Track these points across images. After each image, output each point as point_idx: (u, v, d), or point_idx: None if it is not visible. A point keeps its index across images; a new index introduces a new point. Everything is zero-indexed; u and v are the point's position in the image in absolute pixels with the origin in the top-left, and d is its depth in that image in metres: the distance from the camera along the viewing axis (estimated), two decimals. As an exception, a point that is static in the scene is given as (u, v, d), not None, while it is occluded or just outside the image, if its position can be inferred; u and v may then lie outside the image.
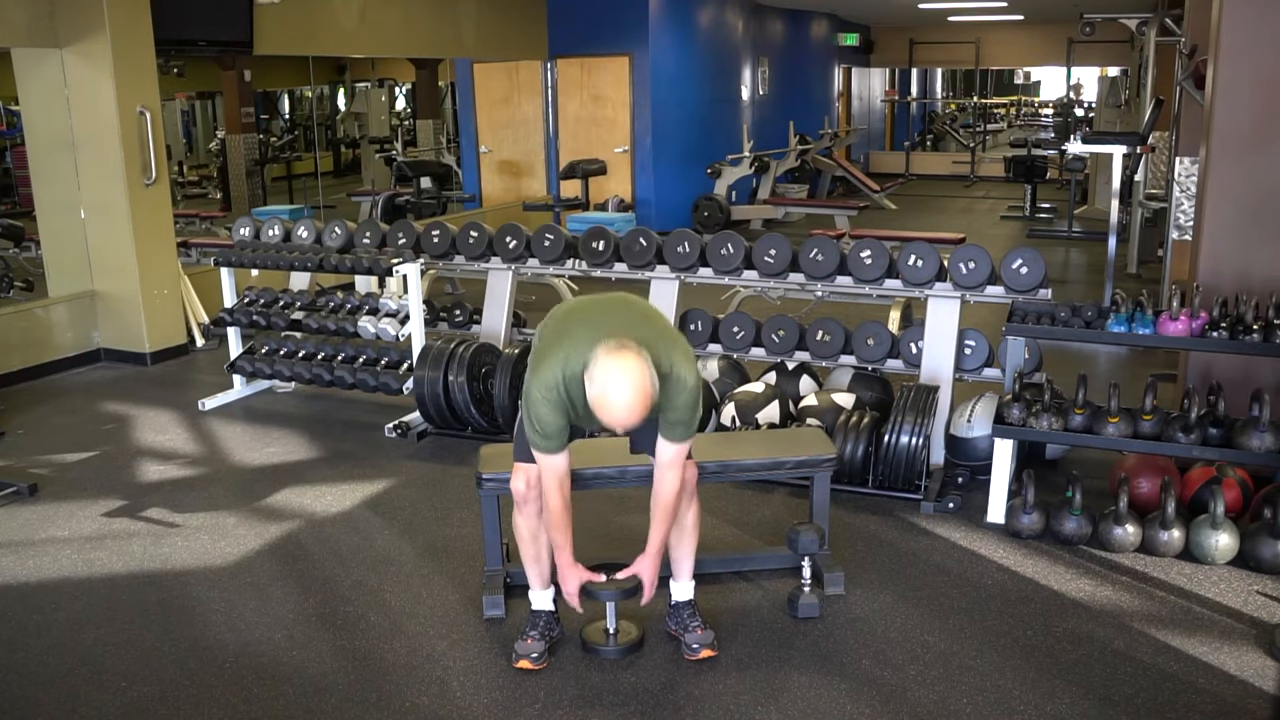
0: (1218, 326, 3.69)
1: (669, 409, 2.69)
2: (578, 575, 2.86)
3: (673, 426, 2.73)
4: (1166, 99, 7.78)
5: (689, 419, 2.73)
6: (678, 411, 2.70)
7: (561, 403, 2.67)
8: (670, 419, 2.71)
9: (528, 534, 2.96)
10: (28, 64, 6.09)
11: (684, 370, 2.68)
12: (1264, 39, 4.03)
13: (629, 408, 2.52)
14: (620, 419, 2.55)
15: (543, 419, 2.68)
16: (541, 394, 2.66)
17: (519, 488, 2.90)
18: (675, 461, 2.78)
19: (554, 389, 2.65)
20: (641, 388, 2.52)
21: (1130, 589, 3.38)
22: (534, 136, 10.82)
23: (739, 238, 4.85)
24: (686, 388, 2.68)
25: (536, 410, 2.68)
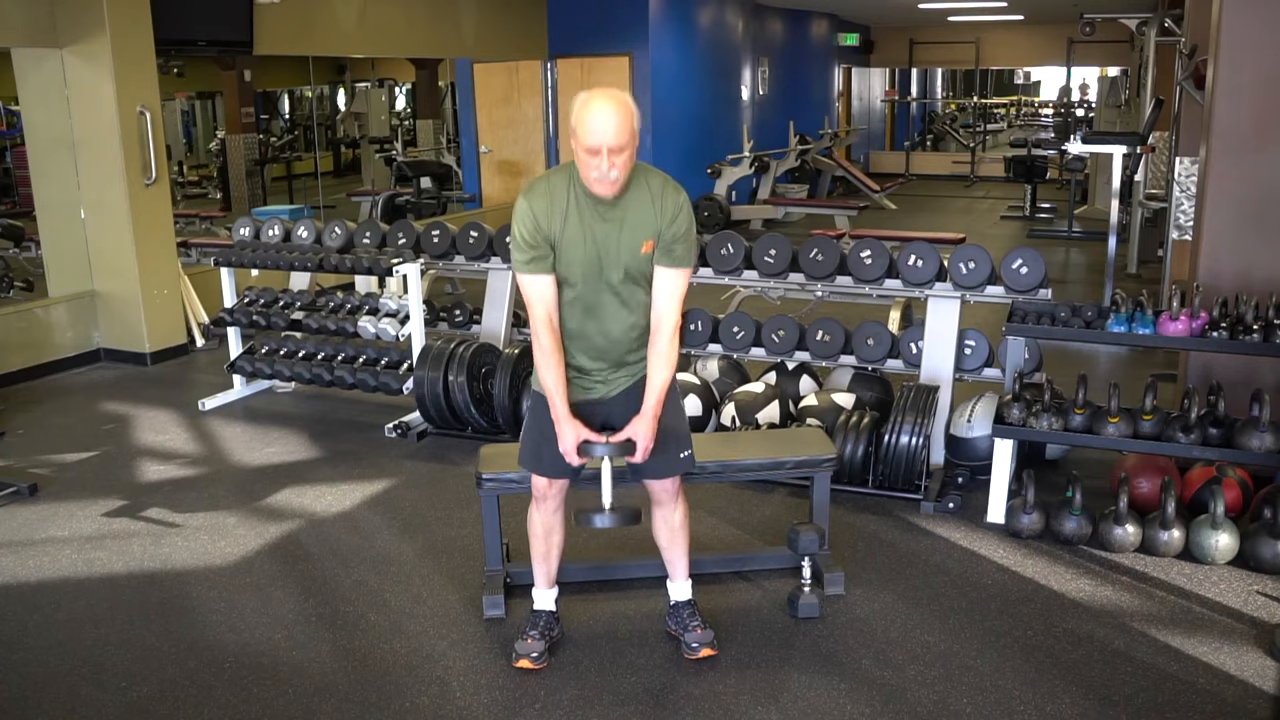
0: (1218, 326, 3.69)
1: (665, 226, 2.66)
2: (575, 429, 2.70)
3: (671, 247, 2.68)
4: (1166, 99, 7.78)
5: (686, 236, 2.70)
6: (675, 227, 2.67)
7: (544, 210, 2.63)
8: (667, 237, 2.67)
9: (541, 529, 2.96)
10: (28, 64, 6.09)
11: (678, 193, 2.70)
12: (1264, 39, 4.03)
13: (612, 115, 2.51)
14: (603, 127, 2.51)
15: (523, 226, 2.64)
16: (521, 206, 2.66)
17: (540, 484, 2.89)
18: (674, 293, 2.71)
19: (538, 196, 2.65)
20: (624, 101, 2.54)
21: (1130, 589, 3.38)
22: (534, 136, 10.82)
23: (739, 238, 4.85)
24: (680, 203, 2.68)
25: (517, 221, 2.66)
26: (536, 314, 2.70)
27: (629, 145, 2.55)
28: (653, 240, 2.67)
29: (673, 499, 2.93)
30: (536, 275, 2.67)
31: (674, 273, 2.71)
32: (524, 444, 2.91)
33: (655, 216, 2.66)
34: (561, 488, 2.91)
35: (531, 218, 2.64)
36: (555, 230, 2.65)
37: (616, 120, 2.51)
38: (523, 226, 2.66)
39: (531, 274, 2.67)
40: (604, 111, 2.51)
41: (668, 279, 2.71)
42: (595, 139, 2.51)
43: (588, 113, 2.52)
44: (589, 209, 2.64)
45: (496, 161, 11.04)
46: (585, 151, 2.54)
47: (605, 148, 2.52)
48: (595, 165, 2.54)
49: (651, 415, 2.73)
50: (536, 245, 2.65)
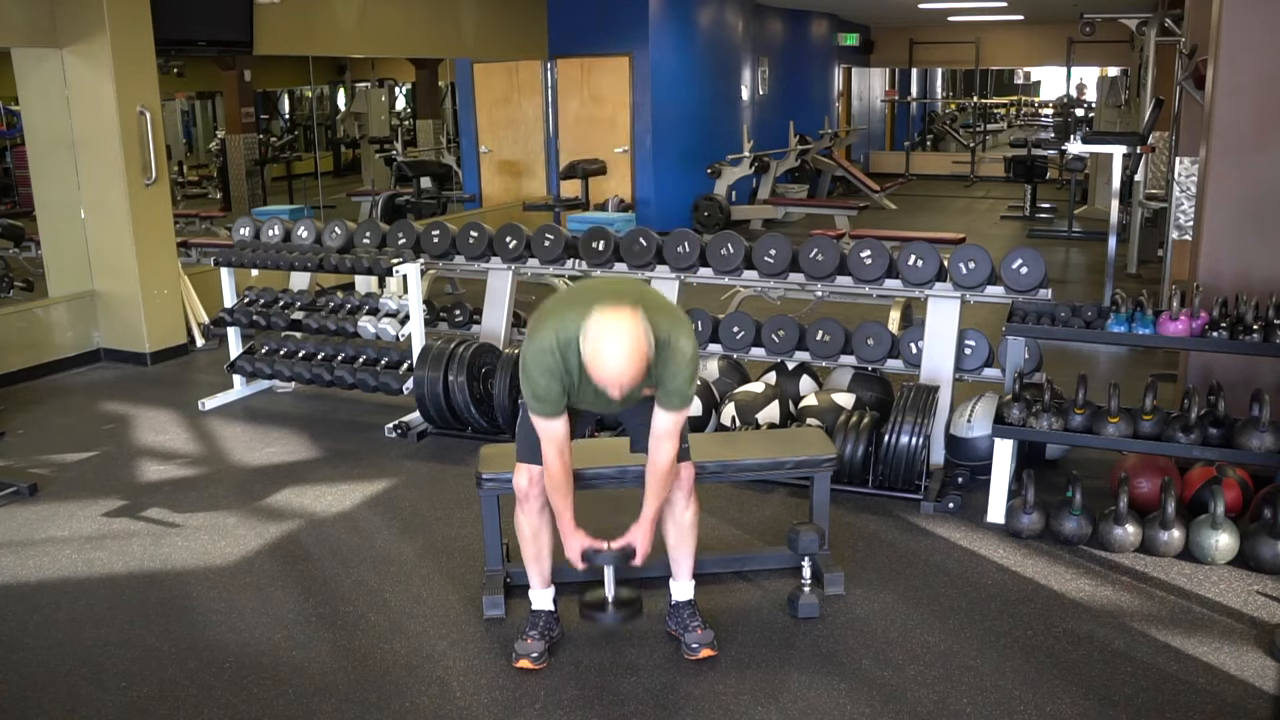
0: (1218, 326, 3.69)
1: (667, 379, 2.67)
2: (579, 540, 2.86)
3: (670, 396, 2.71)
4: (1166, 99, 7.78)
5: (686, 388, 2.71)
6: (675, 380, 2.68)
7: (557, 369, 2.65)
8: (668, 388, 2.69)
9: (529, 532, 2.96)
10: (28, 64, 6.09)
11: (682, 338, 2.67)
12: (1264, 39, 4.03)
13: (624, 364, 2.50)
14: (615, 376, 2.51)
15: (537, 383, 2.67)
16: (535, 357, 2.66)
17: (521, 484, 2.90)
18: (672, 432, 2.76)
19: (548, 353, 2.64)
20: (637, 343, 2.50)
21: (1130, 589, 3.38)
22: (534, 136, 10.82)
23: (739, 238, 4.85)
24: (684, 355, 2.67)
25: (531, 374, 2.68)
26: (549, 449, 2.77)
27: (640, 377, 2.57)
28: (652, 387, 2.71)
29: (685, 496, 2.94)
30: (552, 420, 2.73)
31: (666, 415, 2.75)
32: (520, 437, 2.93)
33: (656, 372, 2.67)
34: (543, 488, 2.91)
35: (545, 383, 2.67)
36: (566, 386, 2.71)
37: (630, 369, 2.52)
38: (536, 386, 2.69)
39: (547, 418, 2.73)
40: (617, 361, 2.50)
41: (660, 419, 2.76)
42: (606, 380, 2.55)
43: (600, 358, 2.52)
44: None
45: (496, 161, 11.04)
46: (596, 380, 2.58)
47: (618, 388, 2.56)
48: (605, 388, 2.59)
49: (648, 524, 2.86)
50: (553, 400, 2.70)
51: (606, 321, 2.51)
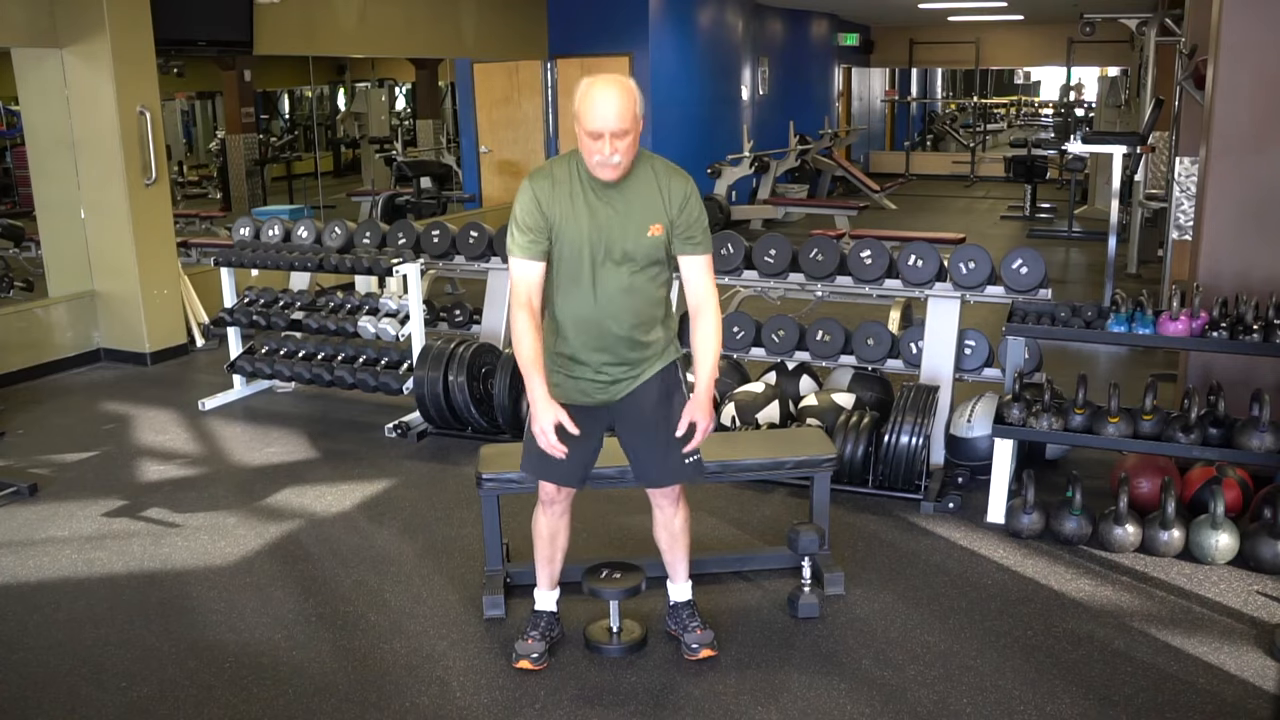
0: (1218, 326, 3.69)
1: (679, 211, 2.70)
2: (553, 410, 2.64)
3: (691, 233, 2.73)
4: (1166, 99, 7.78)
5: (706, 224, 2.77)
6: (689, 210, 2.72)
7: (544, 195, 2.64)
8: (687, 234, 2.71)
9: (547, 532, 2.95)
10: (28, 64, 6.09)
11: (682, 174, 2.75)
12: (1264, 39, 4.03)
13: (615, 96, 2.53)
14: (607, 109, 2.52)
15: (525, 204, 2.66)
16: (523, 188, 2.68)
17: (549, 488, 2.88)
18: (707, 275, 2.76)
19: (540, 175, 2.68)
20: (626, 84, 2.58)
21: (1130, 589, 3.38)
22: (534, 136, 10.82)
23: (739, 238, 4.85)
24: (690, 187, 2.74)
25: (517, 202, 2.68)
26: (518, 294, 2.69)
27: (632, 129, 2.57)
28: (661, 225, 2.68)
29: (673, 505, 2.92)
30: (528, 260, 2.67)
31: (699, 259, 2.75)
32: (527, 452, 2.87)
33: (663, 203, 2.67)
34: (569, 493, 2.91)
35: (533, 199, 2.65)
36: (556, 212, 2.65)
37: (619, 104, 2.53)
38: (523, 208, 2.66)
39: (523, 258, 2.67)
40: (607, 96, 2.53)
41: (695, 265, 2.75)
42: (598, 123, 2.53)
43: (590, 97, 2.54)
44: (592, 192, 2.65)
45: (496, 161, 11.04)
46: (588, 135, 2.56)
47: (608, 132, 2.53)
48: (598, 149, 2.55)
49: (706, 396, 2.73)
50: (534, 229, 2.65)
51: (598, 75, 2.60)
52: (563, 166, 2.69)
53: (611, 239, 2.65)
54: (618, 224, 2.65)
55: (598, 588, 2.95)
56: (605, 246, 2.65)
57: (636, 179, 2.66)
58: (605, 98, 2.53)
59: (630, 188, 2.66)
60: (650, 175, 2.68)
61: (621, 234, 2.65)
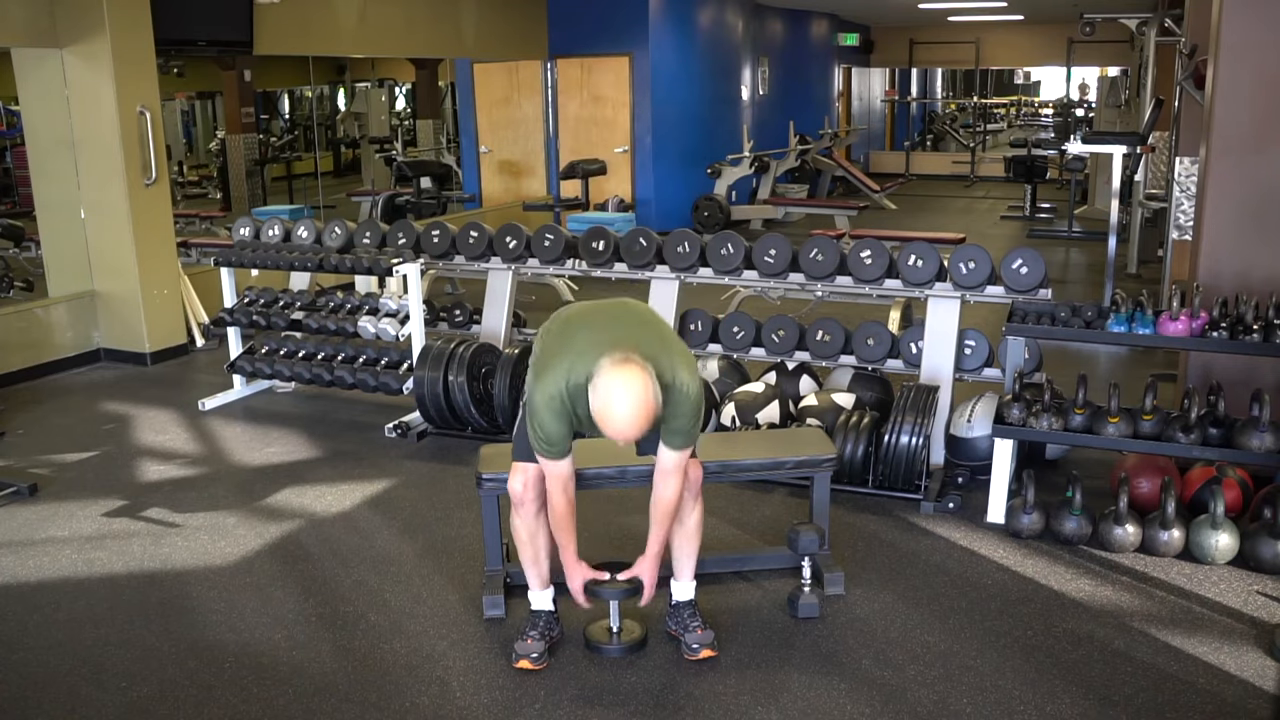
0: (1218, 326, 3.69)
1: (671, 418, 2.69)
2: (582, 573, 2.91)
3: (674, 434, 2.74)
4: (1166, 99, 7.78)
5: (690, 428, 2.74)
6: (680, 420, 2.71)
7: (565, 412, 2.68)
8: (672, 427, 2.72)
9: (526, 535, 2.97)
10: (28, 64, 6.09)
11: (686, 379, 2.69)
12: (1264, 39, 4.03)
13: (632, 422, 2.54)
14: (623, 432, 2.56)
15: (546, 426, 2.69)
16: (545, 402, 2.68)
17: (516, 488, 2.91)
18: (676, 468, 2.79)
19: (557, 398, 2.67)
20: (645, 401, 2.53)
21: (1130, 589, 3.38)
22: (534, 136, 10.82)
23: (739, 238, 4.85)
24: (689, 397, 2.69)
25: (540, 418, 2.69)
26: (553, 487, 2.81)
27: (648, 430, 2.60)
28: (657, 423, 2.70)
29: (694, 498, 2.95)
30: (558, 460, 2.77)
31: (670, 454, 2.77)
32: (516, 439, 2.93)
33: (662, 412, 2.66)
34: (539, 491, 2.92)
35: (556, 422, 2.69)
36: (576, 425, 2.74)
37: (638, 426, 2.56)
38: (549, 427, 2.69)
39: (553, 459, 2.76)
40: (625, 420, 2.54)
41: (665, 457, 2.78)
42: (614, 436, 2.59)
43: (609, 416, 2.55)
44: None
45: (496, 161, 11.04)
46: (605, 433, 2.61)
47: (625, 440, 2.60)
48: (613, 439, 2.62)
49: (654, 559, 2.90)
50: (561, 442, 2.73)
51: (614, 378, 2.53)
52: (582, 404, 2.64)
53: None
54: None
55: (597, 589, 2.95)
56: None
57: None
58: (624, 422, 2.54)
59: None
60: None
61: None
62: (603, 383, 2.54)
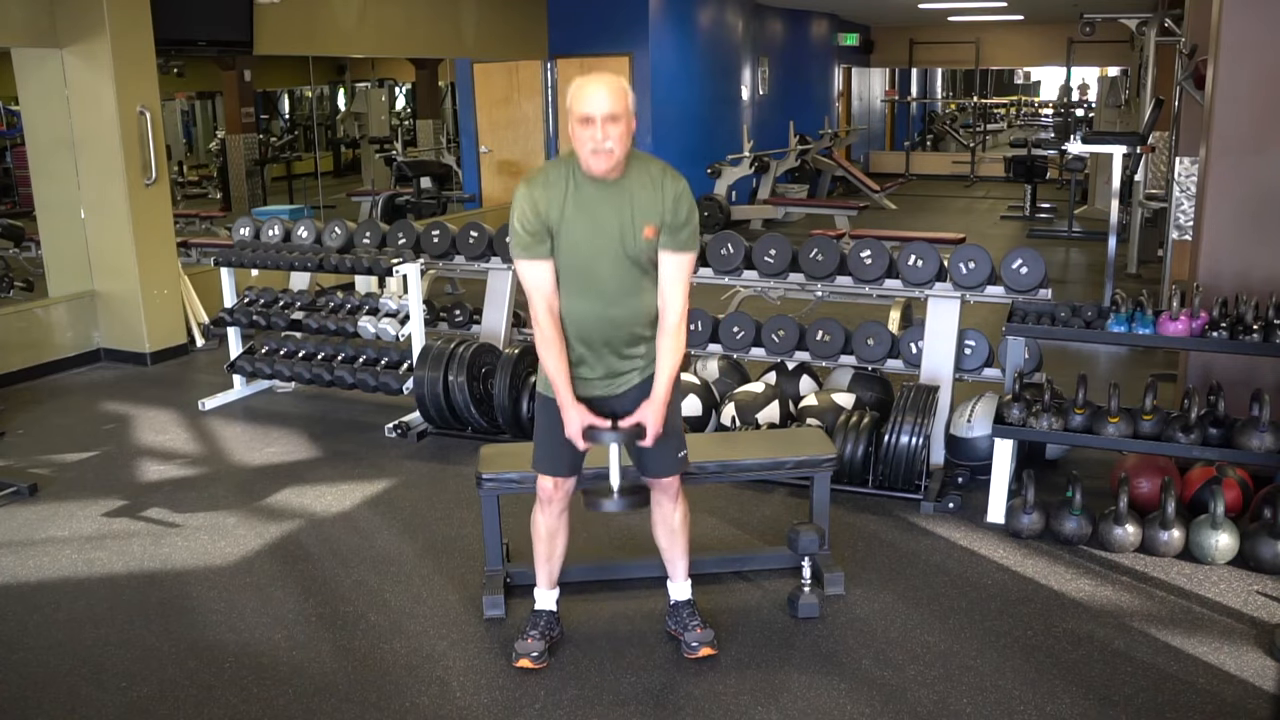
0: (1218, 326, 3.69)
1: (671, 208, 2.67)
2: (580, 414, 2.74)
3: (678, 232, 2.69)
4: (1166, 99, 7.78)
5: (690, 218, 2.72)
6: (679, 212, 2.69)
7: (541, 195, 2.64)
8: (675, 222, 2.68)
9: (545, 533, 2.95)
10: (28, 64, 6.09)
11: (676, 174, 2.73)
12: (1264, 39, 4.03)
13: (605, 84, 2.57)
14: (597, 94, 2.55)
15: (520, 210, 2.66)
16: (521, 189, 2.68)
17: (546, 485, 2.89)
18: (684, 275, 2.73)
19: (536, 171, 2.69)
20: (616, 77, 2.61)
21: (1130, 589, 3.38)
22: (534, 136, 10.82)
23: (739, 238, 4.85)
24: (683, 187, 2.71)
25: (515, 206, 2.68)
26: (535, 302, 2.72)
27: (623, 117, 2.57)
28: (655, 225, 2.67)
29: (672, 500, 2.93)
30: (534, 261, 2.69)
31: (679, 257, 2.72)
32: (538, 447, 2.89)
33: (658, 200, 2.67)
34: (567, 491, 2.91)
35: (530, 203, 2.66)
36: (554, 214, 2.65)
37: (609, 90, 2.57)
38: (521, 213, 2.67)
39: (529, 260, 2.69)
40: (597, 85, 2.58)
41: (672, 263, 2.72)
42: (588, 108, 2.55)
43: (581, 88, 2.59)
44: (588, 192, 2.65)
45: (496, 161, 11.04)
46: (579, 123, 2.57)
47: (599, 115, 2.54)
48: (590, 136, 2.56)
49: (661, 401, 2.75)
50: (535, 231, 2.66)
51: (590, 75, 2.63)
52: (557, 169, 2.69)
53: (608, 238, 2.66)
54: (614, 223, 2.65)
55: (596, 432, 2.75)
56: (603, 246, 2.66)
57: (632, 178, 2.66)
58: (596, 86, 2.57)
59: (626, 186, 2.66)
60: (645, 175, 2.68)
61: (619, 232, 2.65)
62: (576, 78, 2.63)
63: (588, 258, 2.67)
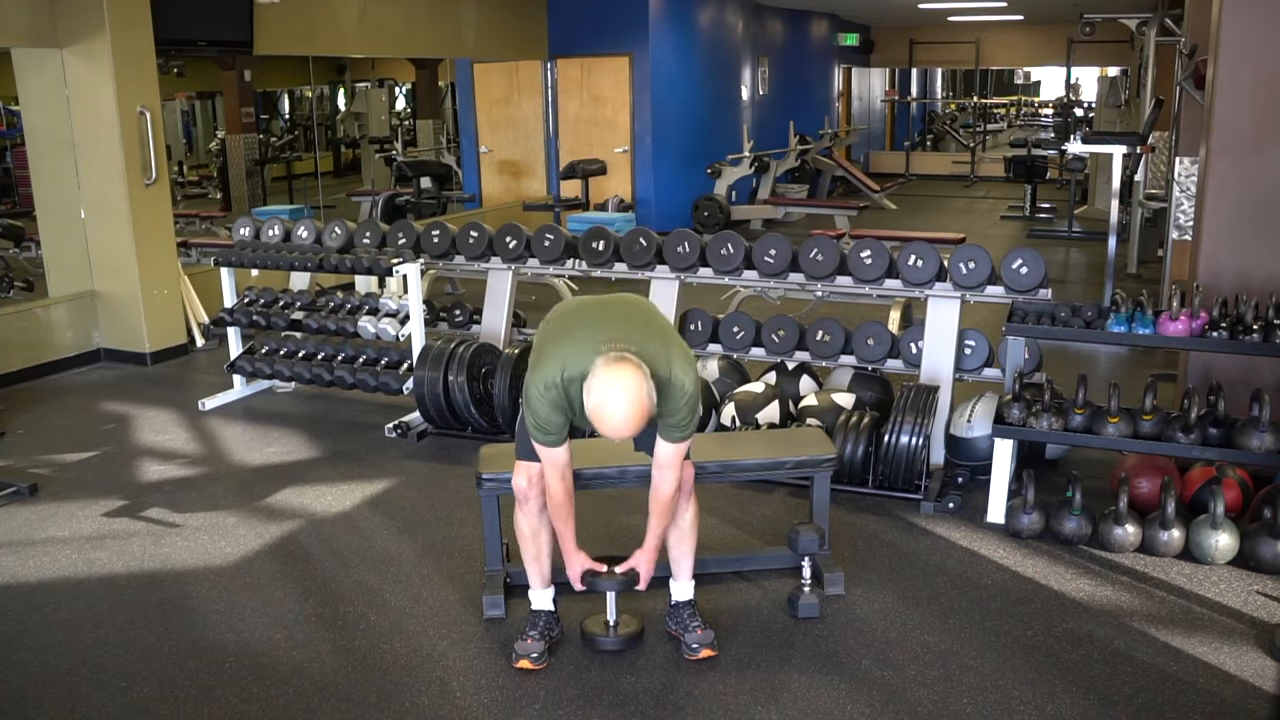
0: (1218, 326, 3.69)
1: (667, 413, 2.70)
2: (581, 561, 2.93)
3: (670, 429, 2.75)
4: (1166, 99, 7.78)
5: (687, 422, 2.75)
6: (676, 415, 2.72)
7: (560, 402, 2.68)
8: (669, 422, 2.73)
9: (528, 532, 2.97)
10: (28, 64, 6.09)
11: (683, 375, 2.69)
12: (1264, 39, 4.03)
13: (626, 421, 2.54)
14: (617, 431, 2.56)
15: (541, 416, 2.70)
16: (540, 392, 2.68)
17: (520, 484, 2.91)
18: (673, 462, 2.80)
19: (553, 388, 2.67)
20: (638, 400, 2.53)
21: (1130, 589, 3.38)
22: (534, 136, 10.82)
23: (739, 238, 4.85)
24: (685, 393, 2.70)
25: (535, 407, 2.70)
26: (551, 475, 2.81)
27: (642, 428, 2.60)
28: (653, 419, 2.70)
29: (686, 497, 2.95)
30: (556, 448, 2.77)
31: (667, 446, 2.78)
32: (519, 437, 2.93)
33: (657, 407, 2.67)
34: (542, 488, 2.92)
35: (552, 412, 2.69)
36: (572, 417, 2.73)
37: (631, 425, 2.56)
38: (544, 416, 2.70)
39: (550, 447, 2.77)
40: (619, 419, 2.54)
41: (664, 450, 2.79)
42: (608, 434, 2.60)
43: (603, 414, 2.55)
44: None
45: (496, 161, 11.04)
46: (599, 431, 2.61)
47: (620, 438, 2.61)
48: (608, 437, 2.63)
49: (652, 551, 2.92)
50: (557, 431, 2.73)
51: (609, 378, 2.53)
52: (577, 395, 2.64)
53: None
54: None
55: (594, 580, 2.95)
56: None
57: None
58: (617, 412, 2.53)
59: None
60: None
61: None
62: (597, 382, 2.54)
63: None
